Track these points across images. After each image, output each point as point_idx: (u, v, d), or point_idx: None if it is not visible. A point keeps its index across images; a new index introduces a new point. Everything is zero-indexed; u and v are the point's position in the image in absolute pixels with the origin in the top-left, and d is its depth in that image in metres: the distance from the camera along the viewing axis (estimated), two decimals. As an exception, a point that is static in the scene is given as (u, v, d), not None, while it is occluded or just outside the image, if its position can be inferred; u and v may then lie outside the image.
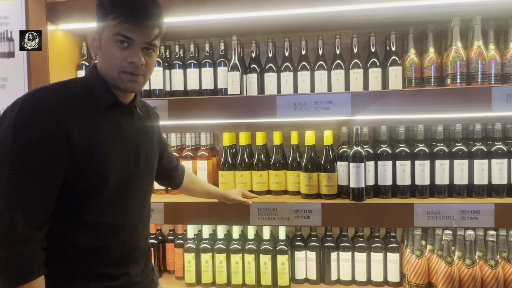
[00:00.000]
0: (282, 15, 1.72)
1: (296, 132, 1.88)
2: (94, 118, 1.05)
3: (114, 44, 1.05)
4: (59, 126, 0.97)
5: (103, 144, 1.05)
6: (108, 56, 1.06)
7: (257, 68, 1.89)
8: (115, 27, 1.03)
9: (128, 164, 1.12)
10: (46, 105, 0.98)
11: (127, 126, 1.14)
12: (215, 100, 1.74)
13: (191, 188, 1.64)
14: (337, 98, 1.65)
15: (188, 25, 1.84)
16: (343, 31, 1.97)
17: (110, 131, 1.08)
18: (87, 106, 1.05)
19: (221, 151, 2.06)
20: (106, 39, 1.05)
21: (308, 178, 1.74)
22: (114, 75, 1.07)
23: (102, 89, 1.08)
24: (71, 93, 1.04)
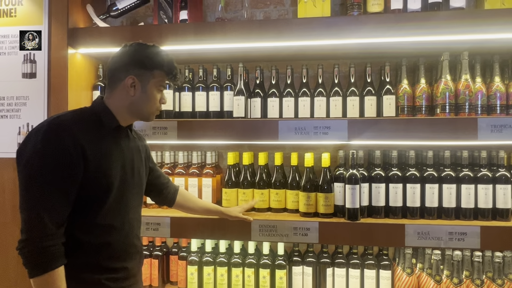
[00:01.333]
0: (285, 46, 1.84)
1: (296, 153, 1.98)
2: (102, 139, 1.27)
3: (156, 90, 1.34)
4: (77, 146, 1.18)
5: (108, 160, 1.26)
6: (152, 99, 1.34)
7: (261, 93, 1.99)
8: (162, 79, 1.33)
9: (126, 177, 1.33)
10: (67, 129, 1.19)
11: (125, 145, 1.37)
12: (221, 123, 1.85)
13: (186, 205, 1.73)
14: (335, 124, 1.76)
15: (197, 52, 1.96)
16: (342, 60, 2.10)
17: (113, 150, 1.30)
18: (96, 130, 1.27)
19: (225, 169, 2.15)
20: (152, 86, 1.32)
21: (307, 197, 1.84)
22: (151, 111, 1.35)
23: (108, 116, 1.32)
24: (85, 119, 1.27)
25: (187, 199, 1.75)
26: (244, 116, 1.94)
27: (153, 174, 1.62)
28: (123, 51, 1.32)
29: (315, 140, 1.77)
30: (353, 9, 1.89)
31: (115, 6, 2.04)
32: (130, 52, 1.31)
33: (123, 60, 1.31)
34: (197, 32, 1.84)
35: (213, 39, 1.83)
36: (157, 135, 1.89)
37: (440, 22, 1.68)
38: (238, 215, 1.77)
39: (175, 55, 1.98)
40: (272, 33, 1.79)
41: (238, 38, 1.81)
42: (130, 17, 2.31)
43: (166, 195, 1.68)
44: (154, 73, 1.31)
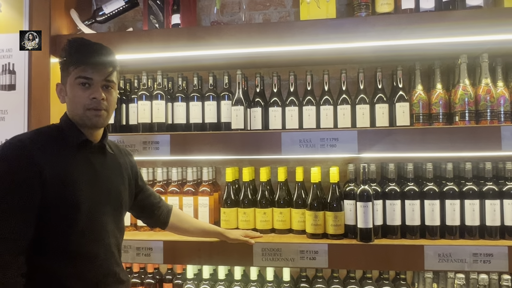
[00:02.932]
0: (287, 51, 1.80)
1: (301, 168, 1.93)
2: (65, 156, 1.24)
3: (77, 87, 1.27)
4: (32, 166, 1.16)
5: (73, 179, 1.22)
6: (73, 98, 1.27)
7: (261, 102, 1.95)
8: (75, 73, 1.26)
9: (100, 198, 1.29)
10: (21, 148, 1.18)
11: (98, 163, 1.32)
12: (218, 136, 1.80)
13: (181, 227, 1.69)
14: (343, 135, 1.71)
15: (191, 59, 1.93)
16: (349, 65, 2.06)
17: (81, 168, 1.26)
18: (59, 147, 1.25)
19: (223, 186, 2.09)
20: (70, 85, 1.28)
21: (314, 217, 1.78)
22: (80, 113, 1.27)
23: (72, 131, 1.29)
24: (45, 136, 1.26)
25: (182, 219, 1.69)
26: (243, 127, 1.89)
27: (142, 193, 1.58)
28: None
29: (322, 154, 1.72)
30: (360, 10, 1.86)
31: (102, 10, 2.01)
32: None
33: None
34: (191, 38, 1.81)
35: (209, 44, 1.79)
36: (148, 150, 1.84)
37: (456, 22, 1.64)
38: (239, 238, 1.72)
39: (168, 62, 1.99)
40: (273, 38, 1.76)
41: (236, 43, 1.78)
42: (118, 22, 2.29)
43: (158, 216, 1.62)
44: (69, 69, 1.28)
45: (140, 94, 1.96)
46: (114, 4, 1.99)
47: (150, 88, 2.01)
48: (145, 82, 2.00)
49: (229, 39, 1.78)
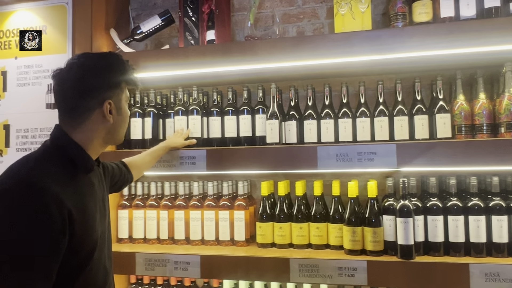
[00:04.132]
0: (321, 64, 1.86)
1: (338, 181, 1.97)
2: (79, 186, 1.15)
3: (126, 105, 1.29)
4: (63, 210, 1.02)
5: (91, 213, 1.16)
6: (127, 117, 1.29)
7: (296, 115, 2.01)
8: (126, 90, 1.26)
9: (102, 221, 1.25)
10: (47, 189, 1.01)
11: (96, 184, 1.27)
12: (253, 151, 1.88)
13: (141, 170, 1.84)
14: (381, 149, 1.74)
15: (226, 74, 2.02)
16: (386, 76, 2.08)
17: (91, 196, 1.20)
18: (73, 178, 1.14)
19: (259, 199, 2.17)
20: (124, 102, 1.27)
21: (352, 232, 1.81)
22: (124, 132, 1.29)
23: (82, 156, 1.18)
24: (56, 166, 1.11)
25: (138, 165, 1.82)
26: (278, 141, 1.95)
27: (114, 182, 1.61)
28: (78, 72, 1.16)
29: (359, 168, 1.76)
30: (397, 20, 1.89)
31: (139, 29, 2.15)
32: (92, 71, 1.17)
33: (87, 83, 1.16)
34: (226, 53, 1.90)
35: (243, 60, 1.88)
36: (184, 165, 1.94)
37: (500, 30, 1.64)
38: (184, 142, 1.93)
39: (203, 77, 2.10)
40: (307, 51, 1.81)
41: (270, 58, 1.85)
42: (154, 39, 2.42)
43: (128, 180, 1.73)
44: (121, 87, 1.24)
45: (177, 109, 2.08)
46: (151, 23, 2.12)
47: (186, 103, 2.12)
48: (181, 97, 2.11)
49: (263, 54, 1.86)
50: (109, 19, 2.20)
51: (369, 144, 1.80)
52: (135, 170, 1.79)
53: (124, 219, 2.16)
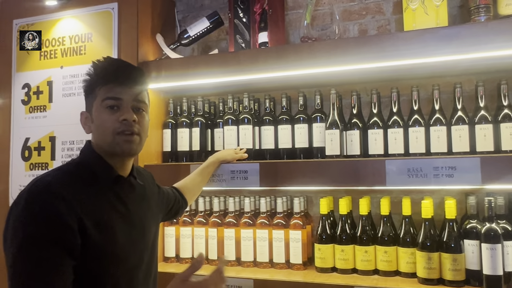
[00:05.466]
0: (389, 66, 1.79)
1: (408, 199, 1.88)
2: (100, 201, 1.18)
3: (104, 110, 1.22)
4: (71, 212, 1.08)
5: (111, 227, 1.17)
6: (101, 123, 1.22)
7: (359, 123, 1.94)
8: (102, 94, 1.22)
9: (136, 241, 1.25)
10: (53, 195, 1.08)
11: (130, 200, 1.28)
12: (312, 164, 1.85)
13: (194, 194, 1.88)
14: (462, 163, 1.64)
15: (279, 79, 2.01)
16: (465, 77, 1.96)
17: (116, 211, 1.21)
18: (92, 188, 1.18)
19: (316, 218, 2.12)
20: (96, 109, 1.23)
21: (427, 259, 1.72)
22: (109, 139, 1.21)
23: (101, 166, 1.23)
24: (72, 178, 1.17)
25: (190, 188, 1.83)
26: (339, 153, 1.90)
27: (170, 207, 1.65)
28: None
29: (436, 185, 1.67)
30: (479, 13, 1.78)
31: (186, 33, 2.18)
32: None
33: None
34: (280, 57, 1.88)
35: (300, 64, 1.85)
36: (236, 180, 1.94)
37: None
38: (235, 156, 1.94)
39: (254, 83, 2.09)
40: (372, 53, 1.75)
41: (330, 61, 1.81)
42: (201, 43, 2.44)
43: (182, 206, 1.75)
44: (95, 92, 1.23)
45: (226, 119, 2.08)
46: (199, 26, 2.15)
47: (236, 112, 2.12)
48: (231, 105, 2.11)
49: (322, 57, 1.82)
50: (155, 23, 2.25)
51: (448, 157, 1.70)
52: (188, 194, 1.80)
53: (170, 237, 2.19)
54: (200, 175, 1.89)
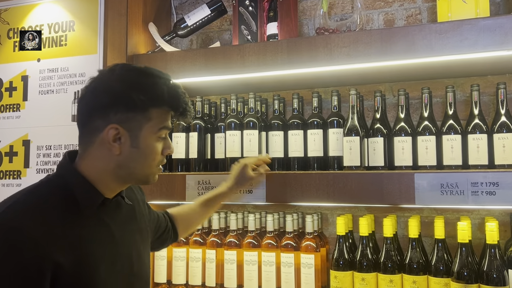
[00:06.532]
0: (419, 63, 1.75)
1: (442, 219, 1.80)
2: (79, 227, 1.13)
3: (157, 140, 1.19)
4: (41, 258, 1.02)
5: (92, 261, 1.12)
6: (150, 153, 1.19)
7: (383, 129, 1.88)
8: (161, 120, 1.18)
9: (122, 271, 1.22)
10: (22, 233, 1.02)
11: (116, 224, 1.24)
12: (327, 177, 1.78)
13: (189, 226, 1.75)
14: (506, 178, 1.58)
15: (290, 78, 1.96)
16: (510, 75, 1.92)
17: (99, 240, 1.16)
18: (69, 217, 1.12)
19: (332, 238, 2.06)
20: (148, 135, 1.17)
21: (464, 291, 1.65)
22: (151, 171, 1.21)
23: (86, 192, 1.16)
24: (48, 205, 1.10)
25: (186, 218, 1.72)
26: (359, 164, 1.83)
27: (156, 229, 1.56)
28: (97, 84, 1.17)
29: (474, 204, 1.60)
30: (527, 2, 1.71)
31: (184, 22, 2.14)
32: (107, 84, 1.15)
33: (97, 99, 1.14)
34: (292, 52, 1.83)
35: (314, 61, 1.80)
36: (239, 193, 1.88)
37: None
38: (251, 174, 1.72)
39: (261, 82, 2.04)
40: (400, 47, 1.71)
41: (350, 56, 1.76)
42: (201, 33, 2.41)
43: (170, 236, 1.65)
44: (150, 113, 1.15)
45: (229, 122, 2.02)
46: (198, 14, 2.10)
47: (240, 114, 2.07)
48: (234, 106, 2.06)
49: (341, 52, 1.77)
50: (147, 10, 2.21)
51: (489, 171, 1.62)
52: (182, 225, 1.69)
53: (161, 259, 2.14)
54: (205, 205, 1.73)
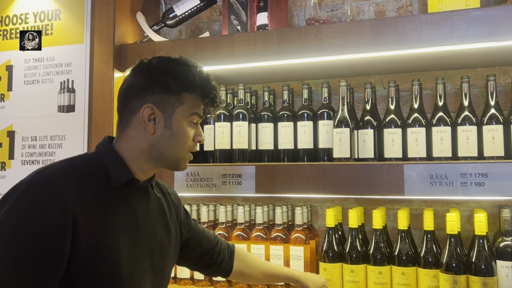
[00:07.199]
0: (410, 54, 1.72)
1: (431, 211, 1.78)
2: (106, 200, 1.18)
3: (189, 124, 1.25)
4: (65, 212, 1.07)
5: (113, 236, 1.16)
6: (182, 136, 1.23)
7: (373, 121, 1.86)
8: (193, 105, 1.24)
9: (141, 257, 1.23)
10: (50, 189, 1.09)
11: (142, 210, 1.27)
12: (317, 168, 1.75)
13: (247, 273, 1.63)
14: (495, 169, 1.56)
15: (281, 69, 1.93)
16: (499, 68, 1.91)
17: (122, 218, 1.20)
18: (99, 189, 1.18)
19: (321, 230, 2.05)
20: (180, 118, 1.23)
21: (452, 282, 1.63)
22: (182, 155, 1.25)
23: (117, 168, 1.22)
24: (80, 172, 1.18)
25: (248, 264, 1.63)
26: (349, 156, 1.81)
27: (192, 242, 1.51)
28: (135, 71, 1.27)
29: (463, 195, 1.59)
30: (518, -7, 1.68)
31: (173, 12, 2.09)
32: (145, 70, 1.25)
33: (136, 83, 1.24)
34: (282, 42, 1.81)
35: (304, 51, 1.78)
36: (228, 185, 1.84)
37: None
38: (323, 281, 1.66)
39: (251, 73, 2.00)
40: (391, 38, 1.69)
41: (340, 47, 1.74)
42: (190, 23, 2.37)
43: (219, 265, 1.56)
44: (183, 97, 1.22)
45: (218, 114, 1.99)
46: (187, 4, 2.06)
47: (230, 105, 2.04)
48: (224, 98, 2.03)
49: (331, 43, 1.74)
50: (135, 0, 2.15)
51: (478, 162, 1.61)
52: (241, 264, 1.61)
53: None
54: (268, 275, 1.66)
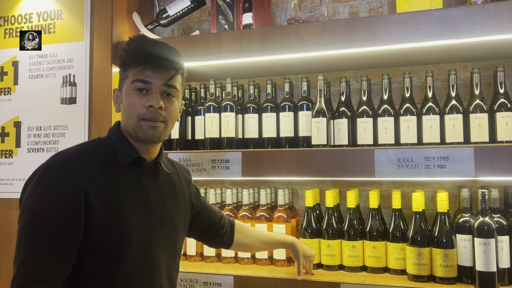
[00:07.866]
0: (381, 50, 1.80)
1: (399, 191, 1.88)
2: (115, 179, 1.24)
3: (133, 93, 1.25)
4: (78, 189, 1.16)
5: (123, 206, 1.21)
6: (128, 105, 1.26)
7: (347, 111, 1.94)
8: (132, 75, 1.25)
9: (152, 227, 1.27)
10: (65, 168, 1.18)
11: (151, 185, 1.31)
12: (297, 154, 1.82)
13: (247, 243, 1.73)
14: (455, 153, 1.64)
15: (265, 64, 1.99)
16: (460, 64, 1.98)
17: (131, 192, 1.25)
18: (108, 166, 1.24)
19: (301, 210, 2.12)
20: (126, 90, 1.27)
21: (417, 254, 1.72)
22: (134, 123, 1.25)
23: (123, 146, 1.28)
24: (91, 154, 1.25)
25: (247, 235, 1.73)
26: (326, 143, 1.89)
27: (201, 216, 1.59)
28: None
29: (427, 177, 1.67)
30: (475, -4, 1.78)
31: (165, 12, 2.15)
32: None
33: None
34: (265, 40, 1.86)
35: (286, 48, 1.84)
36: (217, 170, 1.92)
37: None
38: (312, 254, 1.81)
39: (238, 68, 2.07)
40: (363, 36, 1.75)
41: (318, 44, 1.80)
42: (182, 23, 2.42)
43: (222, 237, 1.65)
44: (128, 71, 1.26)
45: (208, 106, 2.06)
46: (179, 5, 2.12)
47: (218, 98, 2.10)
48: (213, 91, 2.09)
49: (309, 40, 1.81)
50: (131, 1, 2.21)
51: (440, 147, 1.70)
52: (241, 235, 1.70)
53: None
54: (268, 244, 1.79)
